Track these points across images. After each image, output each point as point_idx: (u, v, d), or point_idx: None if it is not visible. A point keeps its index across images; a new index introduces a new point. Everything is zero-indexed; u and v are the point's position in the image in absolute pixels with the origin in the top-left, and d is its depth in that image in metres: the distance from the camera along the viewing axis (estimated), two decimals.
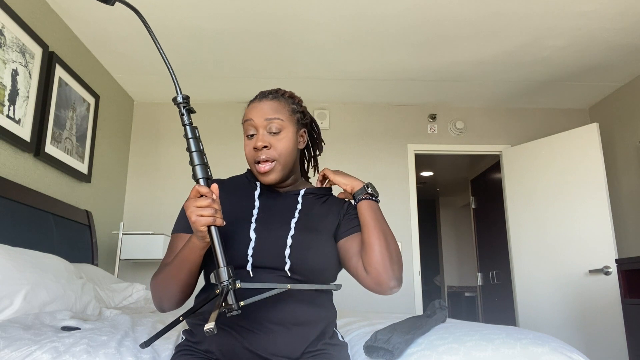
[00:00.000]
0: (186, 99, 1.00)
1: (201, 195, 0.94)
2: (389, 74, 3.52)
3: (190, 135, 0.98)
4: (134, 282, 2.62)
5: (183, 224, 1.15)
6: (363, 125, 4.05)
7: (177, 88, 1.00)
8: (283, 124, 1.13)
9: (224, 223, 0.95)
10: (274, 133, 1.12)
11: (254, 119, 1.12)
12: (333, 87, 3.76)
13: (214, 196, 0.95)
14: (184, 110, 0.99)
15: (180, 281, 1.03)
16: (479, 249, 4.86)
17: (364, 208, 1.12)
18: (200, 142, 0.99)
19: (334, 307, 1.17)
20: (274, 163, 1.11)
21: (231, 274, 0.90)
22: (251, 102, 1.18)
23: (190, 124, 0.99)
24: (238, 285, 0.90)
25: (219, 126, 3.97)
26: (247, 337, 1.01)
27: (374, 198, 1.14)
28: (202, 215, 0.92)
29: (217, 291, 0.90)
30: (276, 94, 1.18)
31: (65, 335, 1.22)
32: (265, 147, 1.11)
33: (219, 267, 0.91)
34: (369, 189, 1.15)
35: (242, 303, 0.90)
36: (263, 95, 1.17)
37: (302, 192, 1.20)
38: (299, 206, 1.16)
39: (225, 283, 0.89)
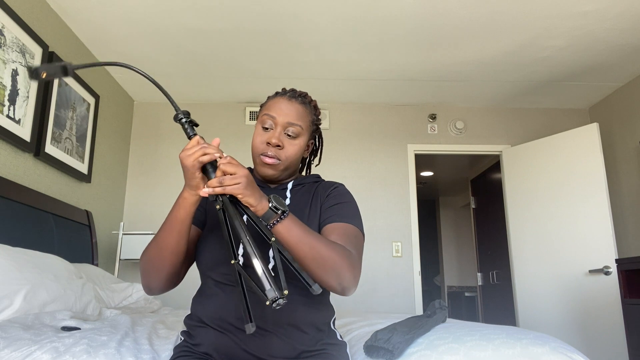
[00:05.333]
0: (186, 114, 0.99)
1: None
2: (389, 74, 3.52)
3: None
4: (134, 282, 2.62)
5: None
6: (363, 125, 4.05)
7: (175, 106, 0.99)
8: (301, 132, 1.14)
9: (222, 155, 0.94)
10: (289, 136, 1.13)
11: (277, 118, 1.12)
12: (333, 87, 3.76)
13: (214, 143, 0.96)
14: (187, 125, 0.98)
15: (169, 245, 1.00)
16: (479, 249, 4.86)
17: (283, 233, 0.94)
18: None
19: (332, 307, 1.16)
20: (279, 162, 1.12)
21: (282, 289, 0.84)
22: (278, 95, 1.17)
23: (196, 135, 0.98)
24: (285, 292, 0.84)
25: (219, 126, 3.97)
26: (245, 339, 1.01)
27: (284, 215, 0.94)
28: (194, 158, 0.92)
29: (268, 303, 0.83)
30: (304, 99, 1.18)
31: (65, 335, 1.22)
32: (278, 145, 1.12)
33: (264, 289, 0.82)
34: (276, 208, 0.93)
35: (285, 292, 0.83)
36: (292, 96, 1.16)
37: (290, 185, 1.19)
38: (288, 200, 1.16)
39: (280, 300, 0.82)
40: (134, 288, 2.55)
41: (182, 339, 1.10)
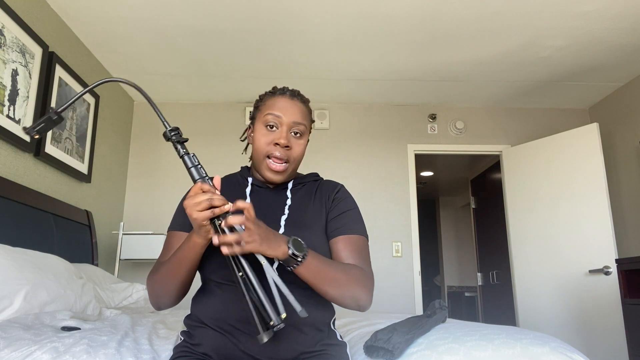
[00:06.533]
0: (175, 130, 0.98)
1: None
2: (389, 74, 3.52)
3: (190, 165, 0.97)
4: (134, 282, 2.62)
5: (179, 222, 1.14)
6: (363, 125, 4.05)
7: (165, 123, 0.98)
8: (305, 131, 1.14)
9: (230, 209, 0.92)
10: (295, 136, 1.13)
11: (284, 117, 1.11)
12: (333, 87, 3.76)
13: (217, 192, 0.94)
14: (175, 143, 0.97)
15: (178, 279, 1.03)
16: (479, 249, 4.86)
17: (304, 274, 0.97)
18: (202, 167, 0.97)
19: (332, 307, 1.16)
20: (287, 164, 1.11)
21: (281, 319, 0.88)
22: (278, 94, 1.15)
23: (187, 152, 0.97)
24: (284, 316, 0.89)
25: (219, 126, 3.97)
26: (244, 341, 1.00)
27: (303, 260, 0.95)
28: (199, 211, 0.91)
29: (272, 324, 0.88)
30: (302, 98, 1.17)
31: (65, 335, 1.22)
32: (287, 146, 1.10)
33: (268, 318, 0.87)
34: (296, 253, 0.94)
35: (283, 315, 0.89)
36: (293, 95, 1.15)
37: (290, 185, 1.19)
38: (289, 201, 1.15)
39: (279, 325, 0.87)
40: (134, 288, 2.55)
41: (182, 339, 1.10)
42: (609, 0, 2.58)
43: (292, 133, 1.12)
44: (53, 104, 2.63)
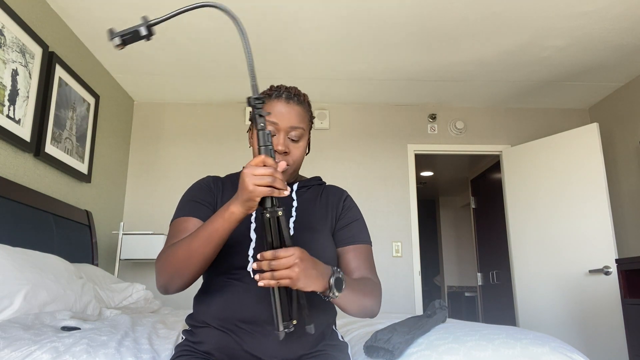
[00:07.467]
0: (261, 100, 0.89)
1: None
2: (389, 74, 3.52)
3: (262, 143, 0.89)
4: (134, 282, 2.62)
5: (191, 209, 1.10)
6: (363, 125, 4.05)
7: (254, 88, 0.89)
8: (303, 133, 1.13)
9: (287, 191, 0.88)
10: (293, 140, 1.12)
11: (280, 123, 1.09)
12: (333, 87, 3.76)
13: (279, 169, 0.90)
14: (258, 112, 0.89)
15: (202, 255, 0.97)
16: (479, 249, 4.86)
17: (337, 302, 0.99)
18: (272, 148, 0.90)
19: (334, 308, 1.16)
20: (287, 167, 1.11)
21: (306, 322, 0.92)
22: (274, 97, 1.12)
23: (263, 129, 0.89)
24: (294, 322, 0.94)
25: (219, 126, 3.97)
26: (246, 340, 1.00)
27: (340, 291, 0.97)
28: (259, 185, 0.85)
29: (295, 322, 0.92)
30: (299, 97, 1.14)
31: (65, 335, 1.22)
32: (285, 152, 1.10)
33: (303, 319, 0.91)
34: (337, 294, 0.96)
35: (294, 322, 0.93)
36: (289, 97, 1.12)
37: (295, 187, 1.19)
38: (295, 203, 1.15)
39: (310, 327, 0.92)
40: (134, 288, 2.55)
41: (184, 337, 1.10)
42: (609, 0, 2.58)
43: (290, 138, 1.11)
44: (53, 104, 2.63)
